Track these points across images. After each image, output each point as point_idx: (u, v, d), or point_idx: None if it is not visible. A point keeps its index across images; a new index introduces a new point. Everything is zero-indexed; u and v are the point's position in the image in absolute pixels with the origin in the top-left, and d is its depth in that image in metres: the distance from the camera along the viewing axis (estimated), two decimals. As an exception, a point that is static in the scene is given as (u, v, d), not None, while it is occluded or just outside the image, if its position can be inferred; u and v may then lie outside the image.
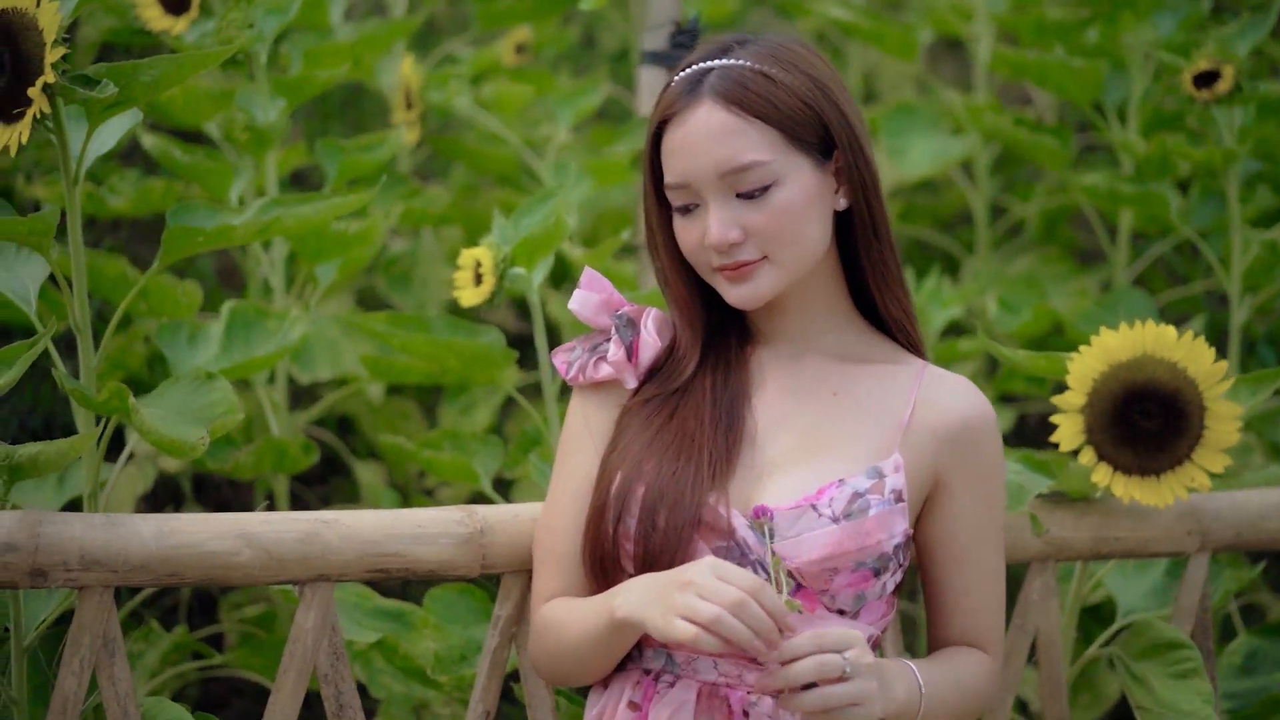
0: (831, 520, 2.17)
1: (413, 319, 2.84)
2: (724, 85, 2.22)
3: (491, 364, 2.81)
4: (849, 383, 2.30)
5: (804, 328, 2.32)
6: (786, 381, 2.31)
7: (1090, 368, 2.51)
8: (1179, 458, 2.51)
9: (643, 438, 2.26)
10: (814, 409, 2.28)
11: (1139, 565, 2.90)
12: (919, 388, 2.29)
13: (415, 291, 3.87)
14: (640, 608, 2.11)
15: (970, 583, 2.30)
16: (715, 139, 2.20)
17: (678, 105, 2.24)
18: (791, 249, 2.23)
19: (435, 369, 2.92)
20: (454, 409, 3.69)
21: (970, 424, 2.28)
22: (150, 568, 2.22)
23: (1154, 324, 2.49)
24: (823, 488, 2.20)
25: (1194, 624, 2.67)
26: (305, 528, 2.29)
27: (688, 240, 2.26)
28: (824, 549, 2.16)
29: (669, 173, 2.25)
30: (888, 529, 2.18)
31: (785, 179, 2.21)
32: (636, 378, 2.34)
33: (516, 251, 2.72)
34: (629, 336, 2.34)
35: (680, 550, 2.18)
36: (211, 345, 2.90)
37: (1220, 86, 3.38)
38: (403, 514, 2.37)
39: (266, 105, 3.09)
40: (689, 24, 3.04)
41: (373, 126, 4.46)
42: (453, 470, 2.89)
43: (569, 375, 2.37)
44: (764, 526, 2.17)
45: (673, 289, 2.34)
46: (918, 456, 2.25)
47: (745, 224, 2.22)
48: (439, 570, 2.36)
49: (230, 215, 2.65)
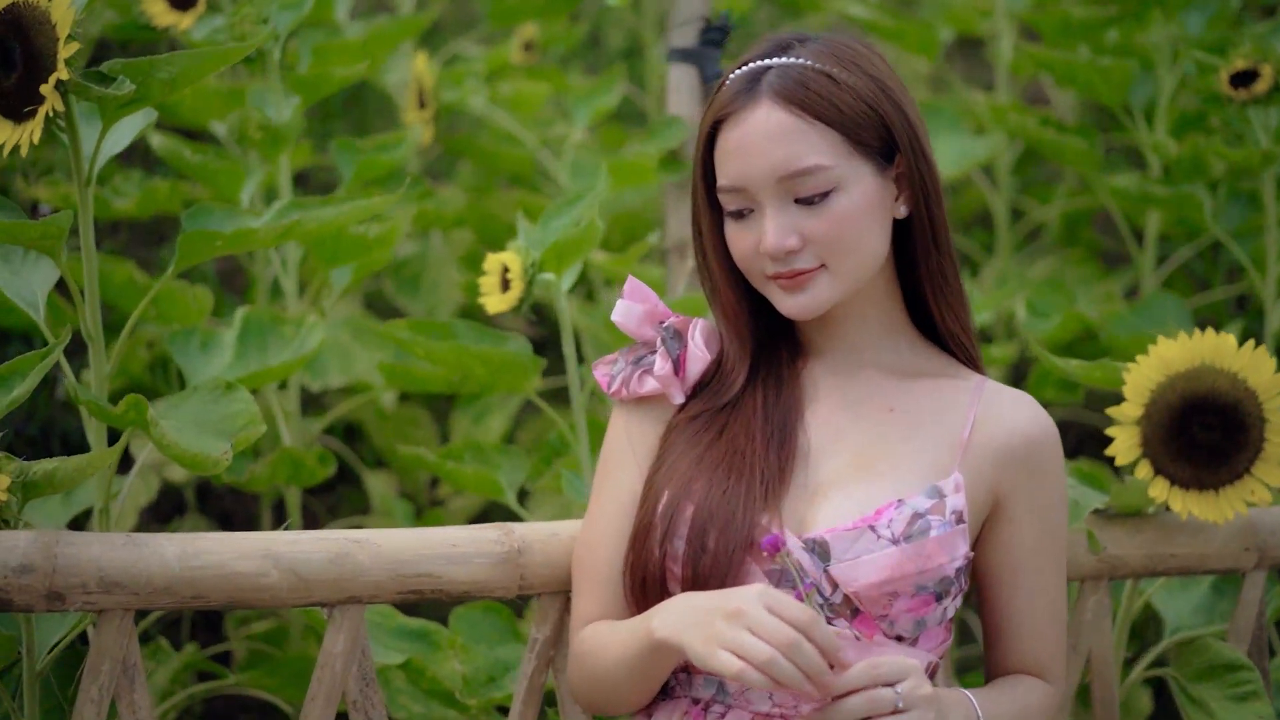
0: (891, 542, 2.07)
1: (437, 326, 2.74)
2: (784, 85, 2.11)
3: (520, 372, 2.71)
4: (905, 398, 2.20)
5: (858, 341, 2.22)
6: (840, 396, 2.21)
7: (1147, 378, 2.42)
8: (1238, 472, 2.42)
9: (691, 455, 2.16)
10: (869, 425, 2.18)
11: (1184, 580, 2.80)
12: (978, 404, 2.19)
13: (425, 296, 3.76)
14: (681, 631, 2.01)
15: (1031, 607, 2.20)
16: (774, 141, 2.10)
17: (734, 104, 2.13)
18: (851, 258, 2.13)
19: (458, 377, 2.81)
20: (466, 417, 3.59)
21: (1032, 442, 2.18)
22: (174, 590, 2.11)
23: (1213, 333, 2.40)
24: (881, 508, 2.09)
25: (1249, 643, 2.58)
26: (335, 548, 2.19)
27: (741, 247, 2.16)
28: (884, 572, 2.06)
29: (723, 175, 2.15)
30: (949, 551, 2.08)
31: (846, 184, 2.11)
32: (684, 392, 2.23)
33: (546, 256, 2.62)
34: (676, 349, 2.24)
35: (731, 573, 2.08)
36: (225, 353, 2.79)
37: (1259, 86, 3.29)
38: (436, 532, 2.26)
39: (280, 103, 2.98)
40: (719, 20, 2.94)
41: (376, 126, 4.35)
42: (476, 483, 2.78)
43: (611, 389, 2.27)
44: (786, 560, 2.05)
45: (722, 298, 2.23)
46: (977, 476, 2.15)
47: (803, 231, 2.12)
48: (474, 591, 2.25)
49: (248, 218, 2.55)
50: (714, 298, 2.24)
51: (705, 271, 2.24)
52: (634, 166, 3.08)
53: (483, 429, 3.55)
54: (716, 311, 2.24)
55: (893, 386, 2.20)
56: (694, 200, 2.23)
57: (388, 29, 3.51)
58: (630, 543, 2.16)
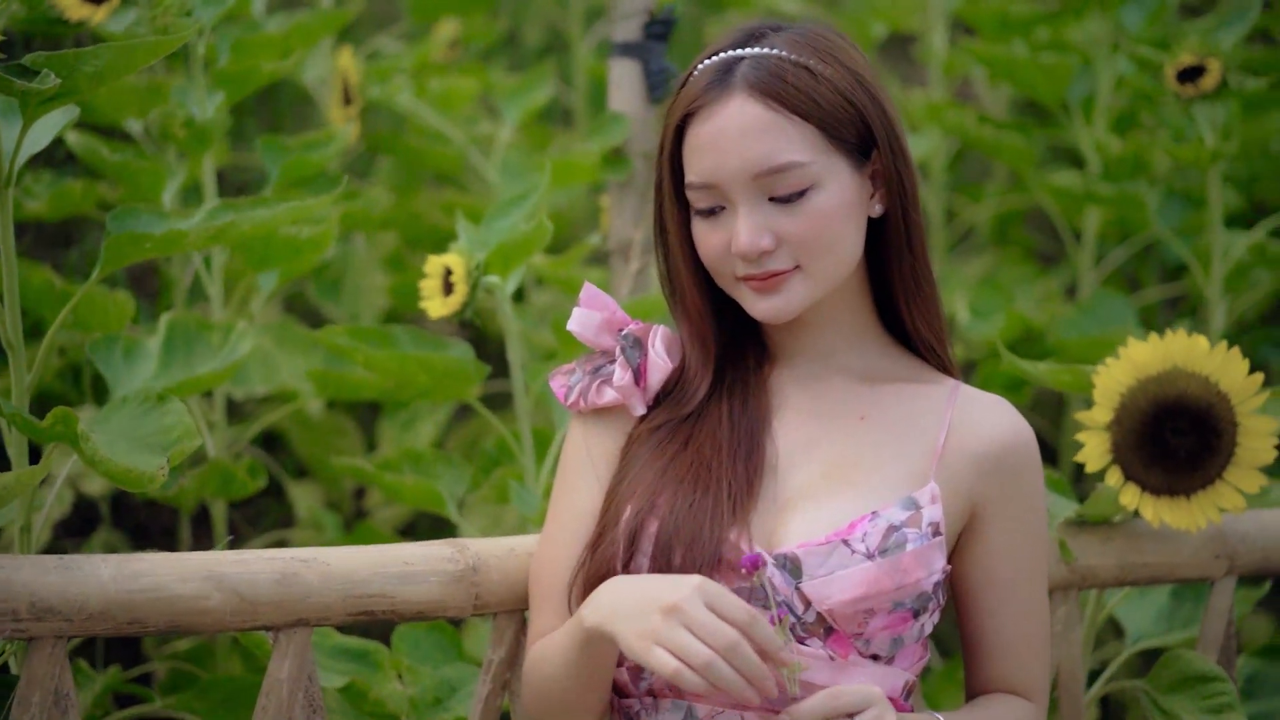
0: (866, 557, 1.97)
1: (376, 333, 2.63)
2: (759, 76, 2.01)
3: (463, 379, 2.60)
4: (877, 405, 2.10)
5: (827, 345, 2.13)
6: (809, 404, 2.11)
7: (1117, 382, 2.35)
8: (1210, 477, 2.35)
9: (654, 468, 2.05)
10: (840, 434, 2.08)
11: (1144, 588, 2.73)
12: (953, 409, 2.10)
13: (347, 300, 3.64)
14: (613, 620, 1.90)
15: (1011, 622, 2.11)
16: (749, 136, 2.00)
17: (706, 97, 2.03)
18: (826, 259, 2.03)
19: (397, 385, 2.70)
20: (394, 424, 3.46)
21: (1010, 449, 2.09)
22: (109, 615, 1.98)
23: (1184, 335, 2.33)
24: (854, 521, 2.00)
25: (1219, 652, 2.51)
26: (282, 567, 2.06)
27: (710, 246, 2.06)
28: (858, 588, 1.96)
29: (693, 171, 2.04)
30: (927, 566, 1.99)
31: (823, 182, 2.01)
32: (645, 403, 2.13)
33: (491, 258, 2.51)
34: (636, 358, 2.13)
35: None
36: (149, 362, 2.66)
37: (1206, 82, 3.23)
38: (387, 550, 2.14)
39: (204, 100, 2.85)
40: (663, 13, 2.84)
41: (289, 123, 4.21)
42: (416, 495, 2.67)
43: (569, 401, 2.16)
44: (762, 580, 1.95)
45: (686, 301, 2.13)
46: (954, 485, 2.06)
47: (778, 230, 2.02)
48: (427, 611, 2.14)
49: (177, 220, 2.42)
50: (677, 301, 2.14)
51: (668, 273, 2.14)
52: (576, 165, 2.97)
53: (412, 436, 3.43)
54: (679, 315, 2.14)
55: (864, 393, 2.11)
56: (659, 197, 2.12)
57: (310, 23, 3.38)
58: (591, 561, 2.06)
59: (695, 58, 2.09)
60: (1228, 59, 3.22)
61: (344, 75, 3.39)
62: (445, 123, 3.41)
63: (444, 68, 3.75)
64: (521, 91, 3.51)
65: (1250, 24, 3.30)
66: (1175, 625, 2.70)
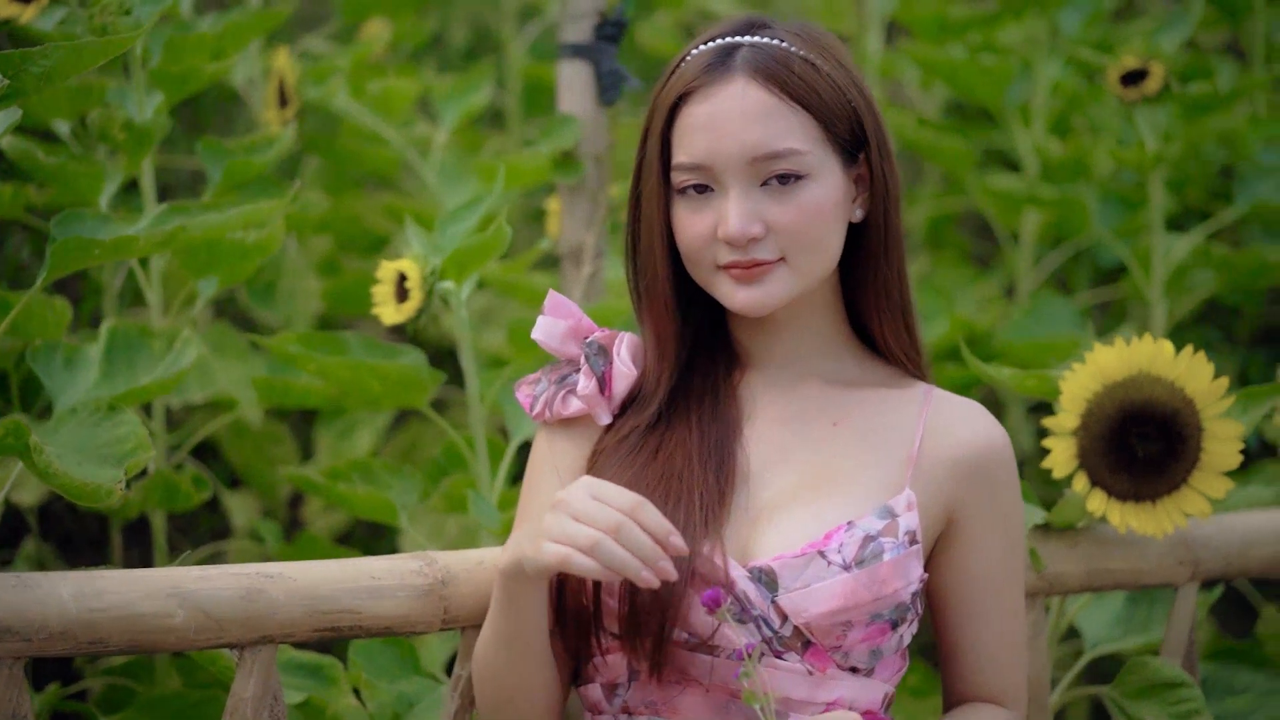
0: (842, 568, 1.94)
1: (327, 340, 2.57)
2: (762, 62, 1.98)
3: (417, 387, 2.55)
4: (850, 411, 2.07)
5: (799, 350, 2.10)
6: (781, 411, 2.08)
7: (1084, 387, 2.33)
8: (1176, 483, 2.34)
9: (623, 479, 2.00)
10: (813, 441, 2.05)
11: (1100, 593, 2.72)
12: (927, 414, 2.07)
13: (281, 304, 3.56)
14: (516, 549, 1.90)
15: (990, 629, 2.08)
16: (750, 119, 1.97)
17: (705, 78, 1.99)
18: (811, 255, 2.00)
19: (346, 393, 2.64)
20: (331, 432, 3.40)
21: (985, 453, 2.07)
22: (71, 634, 1.91)
23: (1150, 340, 2.32)
24: (830, 531, 1.97)
25: (1183, 657, 2.50)
26: (247, 583, 2.01)
27: (693, 231, 2.01)
28: (835, 600, 1.93)
29: (684, 151, 2.00)
30: (904, 575, 1.96)
31: (817, 175, 1.99)
32: (610, 412, 2.08)
33: (447, 264, 2.46)
34: (601, 366, 2.09)
35: (673, 607, 1.93)
36: (91, 371, 2.58)
37: (1150, 85, 3.23)
38: (354, 564, 2.09)
39: (143, 101, 2.77)
40: (614, 14, 2.80)
41: (216, 124, 4.13)
42: (368, 506, 2.61)
43: (534, 411, 2.12)
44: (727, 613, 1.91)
45: (659, 291, 2.07)
46: (929, 491, 2.03)
47: (768, 218, 1.98)
48: (395, 627, 2.08)
49: (125, 225, 2.36)
50: (647, 293, 2.08)
51: (642, 262, 2.08)
52: (526, 168, 2.92)
53: (349, 445, 3.37)
54: (644, 307, 2.09)
55: (836, 398, 2.08)
56: (640, 178, 2.07)
57: (243, 23, 3.30)
58: (560, 577, 2.01)
59: (687, 44, 2.06)
60: (1171, 62, 3.22)
61: (280, 76, 3.32)
62: (383, 125, 3.35)
63: (382, 69, 3.68)
64: (460, 93, 3.45)
65: (1191, 28, 3.31)
66: (1131, 630, 2.69)
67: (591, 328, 2.13)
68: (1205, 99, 3.32)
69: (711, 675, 1.95)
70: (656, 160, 2.03)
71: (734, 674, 1.93)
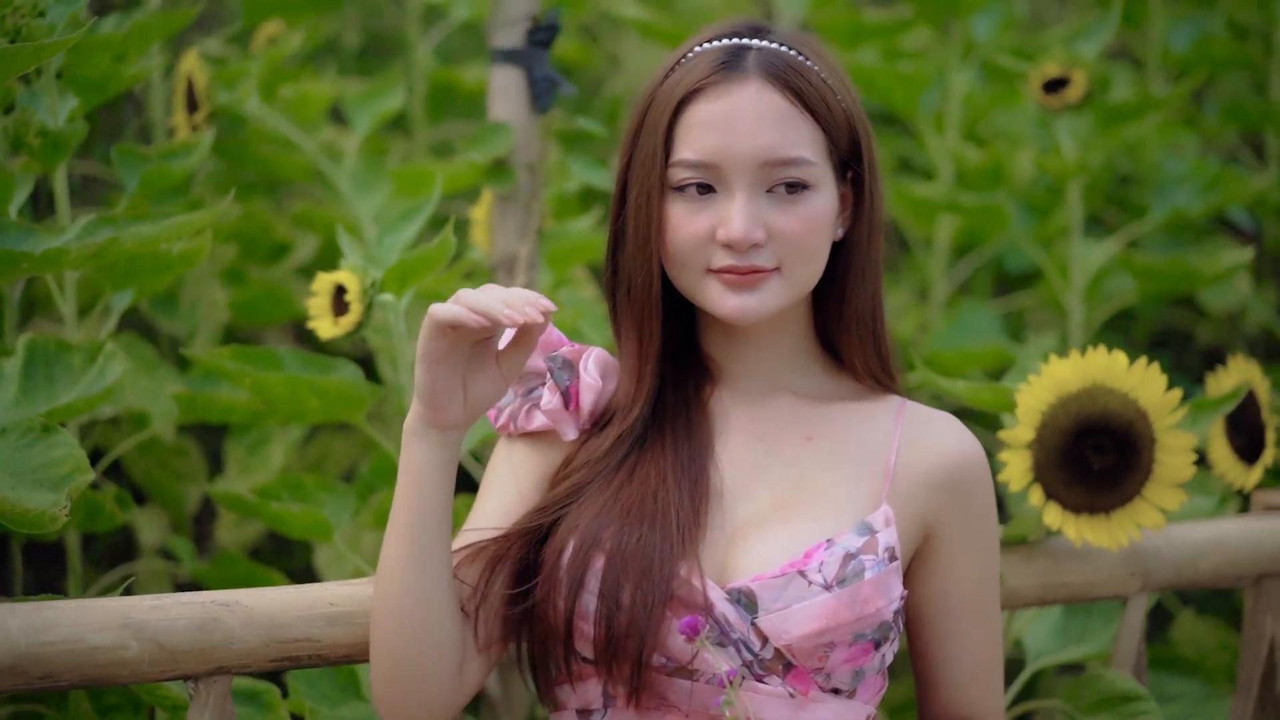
0: (824, 587, 1.90)
1: (262, 354, 2.48)
2: (779, 67, 1.94)
3: (356, 402, 2.47)
4: (824, 425, 2.03)
5: (770, 365, 2.05)
6: (754, 427, 2.03)
7: (1039, 399, 2.32)
8: (1129, 494, 2.33)
9: (598, 500, 1.95)
10: (787, 457, 2.01)
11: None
12: (900, 427, 2.04)
13: (184, 315, 3.44)
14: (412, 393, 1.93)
15: (970, 646, 2.05)
16: (765, 122, 1.92)
17: (716, 76, 1.94)
18: (807, 267, 1.97)
19: (281, 409, 2.55)
20: (240, 446, 3.29)
21: (962, 467, 2.04)
22: (19, 670, 1.82)
23: (1104, 351, 2.31)
24: (809, 550, 1.92)
25: (1132, 668, 2.49)
26: (201, 612, 1.93)
27: (690, 231, 1.96)
28: (817, 621, 1.89)
29: (690, 148, 1.95)
30: (886, 594, 1.93)
31: (820, 186, 1.96)
32: (577, 427, 2.03)
33: (388, 276, 2.39)
34: (566, 380, 2.03)
35: (651, 632, 1.88)
36: (8, 388, 2.46)
37: (1071, 93, 3.23)
38: (311, 590, 2.02)
39: (57, 107, 2.67)
40: (547, 19, 2.74)
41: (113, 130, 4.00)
42: (303, 524, 2.52)
43: (499, 424, 2.06)
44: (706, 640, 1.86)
45: (649, 293, 2.00)
46: (906, 506, 2.00)
47: (771, 225, 1.94)
48: (355, 655, 2.01)
49: (54, 237, 2.27)
50: (632, 298, 2.01)
51: (628, 265, 2.01)
52: (461, 175, 2.85)
53: (260, 459, 3.26)
54: (629, 316, 2.02)
55: (809, 412, 2.04)
56: (632, 177, 2.00)
57: (149, 24, 3.18)
58: (538, 604, 1.95)
59: (684, 43, 2.01)
60: (1093, 70, 3.22)
61: (189, 79, 3.21)
62: (296, 130, 3.25)
63: (294, 73, 3.58)
64: (371, 98, 3.36)
65: (1109, 36, 3.32)
66: (1070, 641, 2.68)
67: (561, 340, 2.07)
68: (1126, 108, 3.33)
69: (691, 700, 1.90)
70: (658, 155, 1.97)
71: (715, 700, 1.88)
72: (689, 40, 2.03)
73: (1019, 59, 3.37)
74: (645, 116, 1.99)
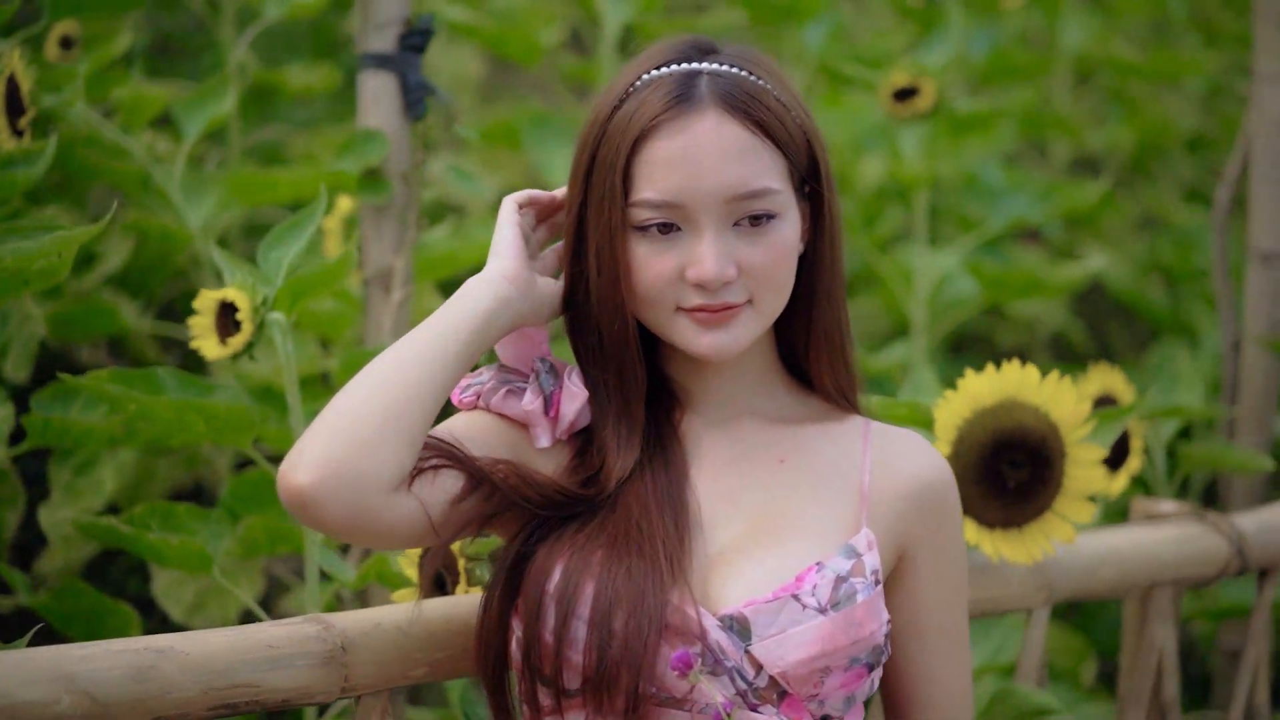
0: (818, 610, 1.84)
1: (141, 377, 2.33)
2: (731, 94, 1.86)
3: (246, 426, 2.34)
4: (795, 448, 1.97)
5: (737, 389, 1.99)
6: (726, 451, 1.97)
7: (956, 414, 2.31)
8: (1041, 508, 2.33)
9: (584, 528, 1.87)
10: (762, 481, 1.95)
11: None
12: (869, 448, 1.99)
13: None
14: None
15: (941, 668, 2.01)
16: (729, 157, 1.85)
17: (669, 112, 1.85)
18: (776, 296, 1.91)
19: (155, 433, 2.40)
20: (66, 469, 3.10)
21: (933, 486, 1.99)
22: (-56, 731, 1.67)
23: (1019, 366, 2.30)
24: (801, 573, 1.86)
25: (1035, 680, 2.49)
26: (136, 660, 1.78)
27: (656, 272, 1.88)
28: (814, 646, 1.83)
29: (651, 187, 1.86)
30: (877, 616, 1.88)
31: (785, 213, 1.90)
32: (552, 436, 1.93)
33: (281, 294, 2.26)
34: (550, 386, 1.93)
35: (646, 662, 1.80)
36: None
37: (921, 103, 3.24)
38: (250, 632, 1.89)
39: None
40: (421, 22, 2.63)
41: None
42: (181, 557, 2.38)
43: (460, 398, 1.94)
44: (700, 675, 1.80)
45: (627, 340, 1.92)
46: (883, 528, 1.95)
47: (741, 260, 1.87)
48: (294, 699, 1.89)
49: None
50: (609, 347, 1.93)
51: (598, 312, 1.92)
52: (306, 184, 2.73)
53: (89, 482, 3.08)
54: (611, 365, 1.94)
55: (778, 435, 1.98)
56: (589, 221, 1.91)
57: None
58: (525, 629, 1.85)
59: (627, 68, 1.92)
60: (942, 79, 3.23)
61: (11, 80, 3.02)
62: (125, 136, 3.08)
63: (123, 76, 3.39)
64: (201, 103, 3.20)
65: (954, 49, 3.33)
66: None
67: (548, 353, 1.99)
68: (974, 118, 3.35)
69: None
70: (616, 195, 1.88)
71: (709, 731, 1.82)
72: (632, 65, 1.94)
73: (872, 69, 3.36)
74: (597, 154, 1.90)
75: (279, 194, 3.05)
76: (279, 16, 3.58)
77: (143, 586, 3.15)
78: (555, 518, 1.89)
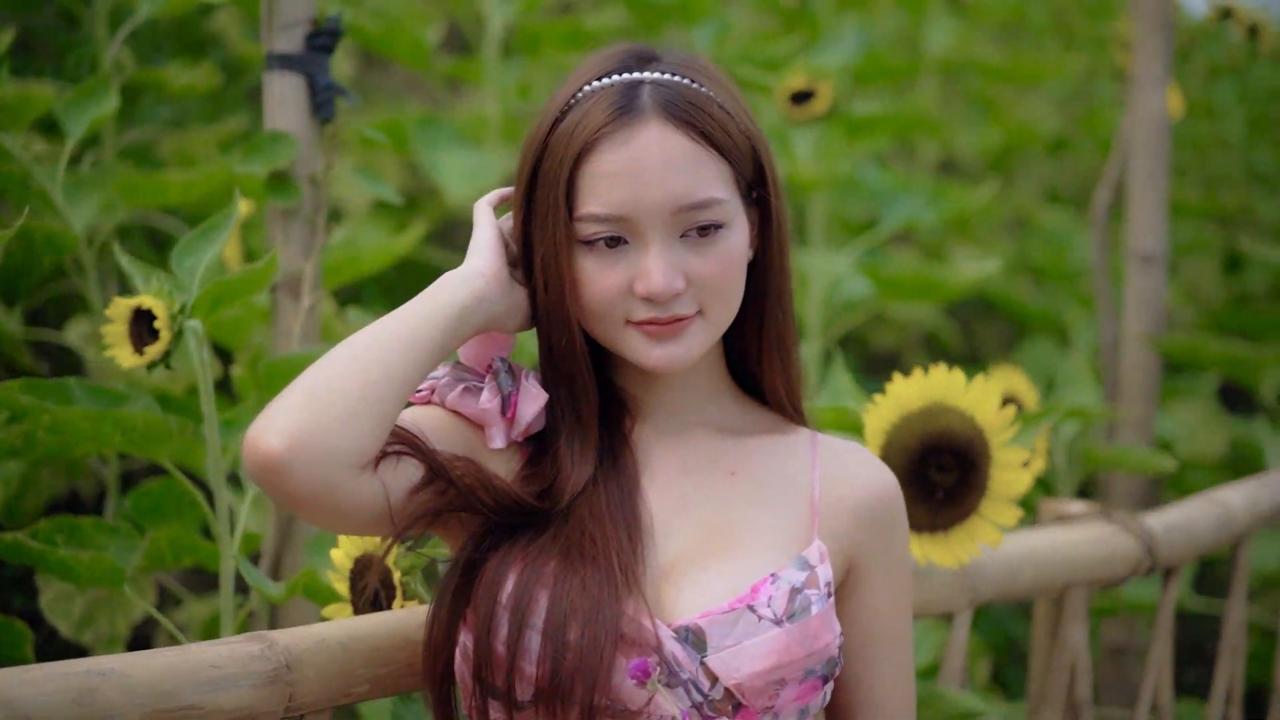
0: (774, 622, 1.82)
1: (52, 387, 2.25)
2: (673, 103, 1.83)
3: (163, 437, 2.27)
4: (745, 460, 1.95)
5: (685, 399, 1.97)
6: (676, 461, 1.94)
7: (884, 419, 2.31)
8: (966, 511, 2.33)
9: (540, 537, 1.84)
10: (713, 492, 1.92)
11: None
12: (817, 460, 1.97)
13: None
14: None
15: (888, 679, 2.00)
16: (673, 168, 1.82)
17: (611, 125, 1.82)
18: (726, 306, 1.89)
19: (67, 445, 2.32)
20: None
21: (882, 498, 1.98)
22: (-120, 763, 1.59)
23: (945, 370, 2.31)
24: (756, 584, 1.84)
25: (959, 681, 2.50)
26: (77, 684, 1.71)
27: (604, 286, 1.85)
28: (770, 658, 1.81)
29: (596, 201, 1.83)
30: (831, 628, 1.86)
31: (732, 222, 1.87)
32: (508, 438, 1.90)
33: (199, 301, 2.20)
34: (508, 386, 1.90)
35: (601, 673, 1.77)
36: None
37: (817, 106, 3.24)
38: (192, 652, 1.82)
39: None
40: (329, 23, 2.57)
41: None
42: (92, 573, 2.30)
43: (415, 394, 1.90)
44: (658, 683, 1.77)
45: (575, 355, 1.90)
46: (833, 540, 1.94)
47: (690, 271, 1.85)
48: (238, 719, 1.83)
49: None
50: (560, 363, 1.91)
51: (544, 329, 1.90)
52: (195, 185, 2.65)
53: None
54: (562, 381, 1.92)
55: (729, 447, 1.96)
56: (535, 236, 1.88)
57: None
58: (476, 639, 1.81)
59: (568, 79, 1.88)
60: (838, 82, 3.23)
61: (-112, 81, 2.91)
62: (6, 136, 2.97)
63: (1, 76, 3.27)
64: (83, 103, 3.10)
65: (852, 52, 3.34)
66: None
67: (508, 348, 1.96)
68: (867, 121, 3.35)
69: None
70: (560, 210, 1.85)
71: (662, 745, 1.79)
72: (573, 76, 1.90)
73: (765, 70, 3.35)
74: (539, 168, 1.87)
75: (168, 196, 2.97)
76: (152, 14, 3.49)
77: (27, 601, 3.06)
78: (506, 525, 1.85)
